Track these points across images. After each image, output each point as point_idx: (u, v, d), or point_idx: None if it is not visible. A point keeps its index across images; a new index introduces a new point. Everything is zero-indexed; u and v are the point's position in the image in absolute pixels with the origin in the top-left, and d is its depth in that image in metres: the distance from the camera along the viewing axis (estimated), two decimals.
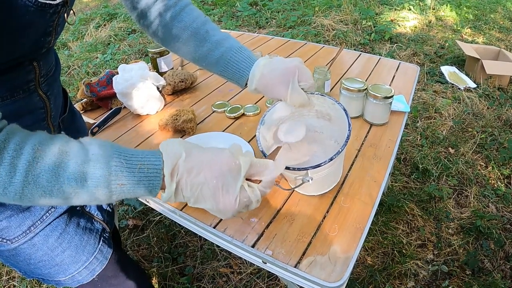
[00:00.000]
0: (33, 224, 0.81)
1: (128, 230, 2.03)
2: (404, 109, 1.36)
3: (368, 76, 1.63)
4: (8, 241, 0.80)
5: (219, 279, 1.74)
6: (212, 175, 0.61)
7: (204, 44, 0.95)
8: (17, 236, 0.80)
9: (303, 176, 0.85)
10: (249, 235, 0.90)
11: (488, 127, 2.75)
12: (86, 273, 0.93)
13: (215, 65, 0.96)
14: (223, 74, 0.97)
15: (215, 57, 0.95)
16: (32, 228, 0.82)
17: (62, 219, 0.87)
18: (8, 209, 0.78)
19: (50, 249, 0.86)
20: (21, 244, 0.82)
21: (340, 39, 4.15)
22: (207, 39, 0.95)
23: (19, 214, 0.79)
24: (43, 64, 0.79)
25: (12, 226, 0.79)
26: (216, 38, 0.96)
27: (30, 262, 0.86)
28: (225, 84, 1.61)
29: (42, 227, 0.83)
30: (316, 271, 0.81)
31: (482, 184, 2.27)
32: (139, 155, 0.59)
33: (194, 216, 0.96)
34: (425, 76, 3.42)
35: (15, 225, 0.79)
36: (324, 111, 0.98)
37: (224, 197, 0.61)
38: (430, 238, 1.93)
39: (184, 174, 0.60)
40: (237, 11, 5.04)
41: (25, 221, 0.80)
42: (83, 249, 0.91)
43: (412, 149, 2.55)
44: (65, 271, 0.90)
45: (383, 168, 1.10)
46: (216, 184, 0.61)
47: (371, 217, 0.94)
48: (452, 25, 4.62)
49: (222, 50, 0.95)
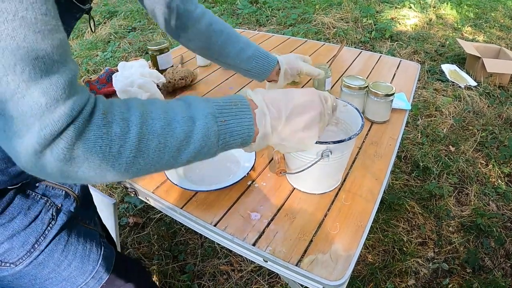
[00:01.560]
0: (36, 241, 0.77)
1: (129, 228, 2.02)
2: (405, 107, 1.36)
3: (368, 74, 1.63)
4: (11, 264, 0.75)
5: (220, 277, 1.74)
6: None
7: (238, 45, 1.15)
8: (21, 257, 0.76)
9: (323, 150, 0.86)
10: (250, 233, 0.90)
11: (488, 125, 2.74)
12: (94, 283, 0.89)
13: (247, 61, 1.16)
14: (253, 69, 1.18)
15: (248, 55, 1.16)
16: (36, 246, 0.77)
17: (64, 232, 0.83)
18: (9, 229, 0.73)
19: (57, 264, 0.82)
20: (26, 265, 0.77)
21: (341, 37, 4.15)
22: (239, 39, 1.16)
23: (21, 233, 0.75)
24: None
25: (15, 247, 0.74)
26: (244, 39, 1.18)
27: (35, 283, 0.81)
28: (225, 82, 1.61)
29: (46, 243, 0.79)
30: (317, 269, 0.81)
31: (482, 182, 2.27)
32: (229, 98, 0.63)
33: (194, 215, 0.96)
34: (426, 74, 3.42)
35: (18, 245, 0.75)
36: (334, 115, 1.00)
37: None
38: (431, 236, 1.93)
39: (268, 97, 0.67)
40: (237, 9, 5.03)
41: (28, 239, 0.76)
42: (88, 258, 0.88)
43: (413, 147, 2.55)
44: (72, 285, 0.85)
45: (384, 166, 1.10)
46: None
47: (372, 215, 0.93)
48: (453, 23, 4.61)
49: (253, 48, 1.17)
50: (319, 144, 0.85)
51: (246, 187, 1.03)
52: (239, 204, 0.98)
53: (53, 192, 0.83)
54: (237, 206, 0.97)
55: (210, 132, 0.56)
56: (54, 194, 0.83)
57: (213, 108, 0.58)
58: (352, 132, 0.91)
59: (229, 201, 0.99)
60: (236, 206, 0.97)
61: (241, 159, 1.11)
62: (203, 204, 0.99)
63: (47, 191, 0.82)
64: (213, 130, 0.57)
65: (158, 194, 1.03)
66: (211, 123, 0.57)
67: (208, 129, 0.56)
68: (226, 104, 0.60)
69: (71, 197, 0.87)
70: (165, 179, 1.06)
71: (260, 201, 0.98)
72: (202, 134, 0.56)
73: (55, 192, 0.83)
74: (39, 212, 0.78)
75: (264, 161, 1.14)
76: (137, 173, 0.53)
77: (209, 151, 0.58)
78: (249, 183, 1.05)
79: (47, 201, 0.81)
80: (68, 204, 0.85)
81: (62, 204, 0.84)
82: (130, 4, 5.44)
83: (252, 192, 1.02)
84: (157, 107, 0.55)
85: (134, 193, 1.10)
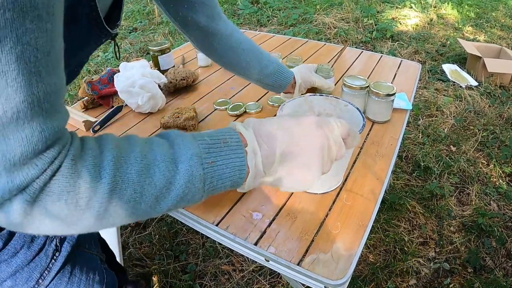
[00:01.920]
0: (41, 276, 0.74)
1: (130, 228, 2.03)
2: (406, 107, 1.36)
3: (369, 74, 1.63)
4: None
5: (221, 277, 1.75)
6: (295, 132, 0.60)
7: (262, 62, 1.21)
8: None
9: None
10: (252, 232, 0.90)
11: (489, 125, 2.74)
12: None
13: (268, 77, 1.23)
14: (272, 83, 1.26)
15: (270, 70, 1.22)
16: (40, 281, 0.74)
17: (68, 263, 0.80)
18: (12, 265, 0.69)
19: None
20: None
21: (342, 37, 4.15)
22: (263, 56, 1.21)
23: (24, 268, 0.71)
24: None
25: (18, 284, 0.71)
26: (266, 55, 1.22)
27: None
28: (226, 82, 1.61)
29: (51, 277, 0.76)
30: (319, 268, 0.81)
31: (483, 182, 2.27)
32: (217, 133, 0.55)
33: (196, 214, 0.96)
34: (427, 74, 3.42)
35: (21, 282, 0.71)
36: (335, 115, 1.02)
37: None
38: (432, 235, 1.93)
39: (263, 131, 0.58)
40: (238, 9, 5.03)
41: (32, 275, 0.72)
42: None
43: (414, 147, 2.55)
44: None
45: (385, 165, 1.10)
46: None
47: (373, 214, 0.94)
48: (454, 23, 4.61)
49: (274, 64, 1.23)
50: None
51: None
52: (241, 204, 0.98)
53: None
54: (239, 206, 0.98)
55: (195, 176, 0.49)
56: None
57: (199, 147, 0.51)
58: None
59: (231, 201, 0.99)
60: (238, 206, 0.98)
61: None
62: (205, 204, 0.99)
63: None
64: (198, 175, 0.49)
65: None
66: (196, 166, 0.49)
67: (192, 173, 0.49)
68: (214, 142, 0.53)
69: None
70: None
71: (262, 201, 0.99)
72: (185, 180, 0.48)
73: None
74: (43, 243, 0.74)
75: None
76: (108, 225, 0.47)
77: (193, 197, 0.51)
78: None
79: None
80: None
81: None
82: (131, 4, 5.44)
83: (254, 191, 1.02)
84: (134, 147, 0.48)
85: None
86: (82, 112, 1.41)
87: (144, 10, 5.21)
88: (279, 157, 0.57)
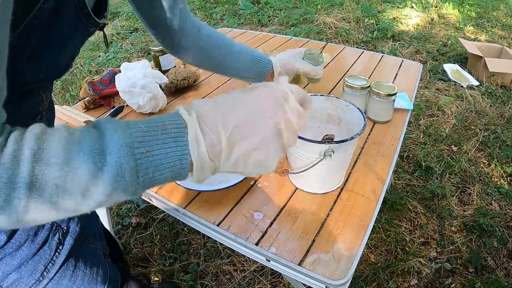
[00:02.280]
0: (45, 269, 0.74)
1: (131, 228, 2.03)
2: (407, 106, 1.36)
3: (371, 74, 1.63)
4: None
5: (223, 277, 1.75)
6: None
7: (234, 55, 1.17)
8: (30, 286, 0.72)
9: (326, 150, 0.86)
10: (253, 232, 0.90)
11: (491, 125, 2.74)
12: None
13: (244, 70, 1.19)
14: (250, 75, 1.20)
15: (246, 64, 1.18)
16: (45, 274, 0.74)
17: (71, 256, 0.80)
18: (17, 258, 0.69)
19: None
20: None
21: (343, 37, 4.15)
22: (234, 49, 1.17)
23: (29, 261, 0.71)
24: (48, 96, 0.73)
25: (23, 276, 0.71)
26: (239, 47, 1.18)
27: None
28: (227, 83, 1.61)
29: (55, 270, 0.76)
30: (320, 268, 0.81)
31: (485, 181, 2.27)
32: (157, 119, 0.49)
33: (197, 214, 0.96)
34: (428, 74, 3.42)
35: (26, 275, 0.71)
36: (336, 115, 1.03)
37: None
38: (433, 235, 1.93)
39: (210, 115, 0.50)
40: (239, 9, 5.03)
41: (36, 267, 0.72)
42: (95, 282, 0.87)
43: (415, 146, 2.55)
44: None
45: (386, 165, 1.10)
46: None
47: (375, 214, 0.94)
48: (455, 23, 4.61)
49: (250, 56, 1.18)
50: (322, 144, 0.86)
51: (249, 187, 1.04)
52: (242, 204, 0.98)
53: None
54: (240, 206, 0.98)
55: (125, 169, 0.43)
56: None
57: (131, 136, 0.45)
58: (354, 132, 0.91)
59: (232, 201, 0.99)
60: (239, 206, 0.98)
61: None
62: (206, 204, 0.99)
63: None
64: (128, 167, 0.44)
65: (161, 194, 1.04)
66: (127, 157, 0.44)
67: (121, 165, 0.43)
68: (150, 129, 0.46)
69: (75, 218, 0.82)
70: None
71: (263, 201, 0.99)
72: (114, 173, 0.43)
73: None
74: (46, 237, 0.74)
75: None
76: (32, 223, 0.43)
77: (126, 191, 0.45)
78: (252, 183, 1.05)
79: (53, 224, 0.75)
80: (73, 225, 0.81)
81: (68, 227, 0.79)
82: None
83: (255, 192, 1.02)
84: (58, 139, 0.42)
85: None
86: (84, 112, 1.42)
87: None
88: (227, 144, 0.50)
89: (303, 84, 1.54)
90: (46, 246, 0.74)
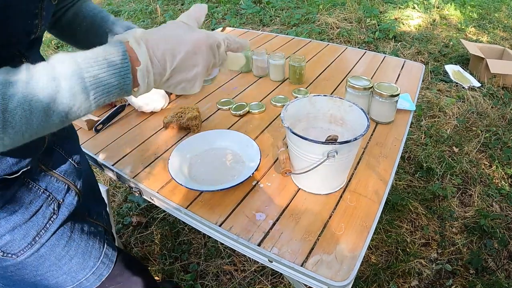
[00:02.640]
0: (37, 234, 0.79)
1: (132, 227, 2.03)
2: (409, 107, 1.36)
3: (373, 75, 1.63)
4: (13, 255, 0.78)
5: (223, 277, 1.75)
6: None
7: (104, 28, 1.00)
8: (22, 248, 0.78)
9: (329, 151, 0.86)
10: (255, 233, 0.90)
11: (492, 126, 2.74)
12: (94, 279, 0.92)
13: None
14: None
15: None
16: (37, 239, 0.80)
17: (66, 226, 0.86)
18: (10, 222, 0.75)
19: (58, 258, 0.85)
20: (27, 257, 0.80)
21: (345, 37, 4.15)
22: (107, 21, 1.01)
23: (22, 226, 0.77)
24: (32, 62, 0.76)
25: (16, 239, 0.77)
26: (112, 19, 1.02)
27: (37, 274, 0.84)
28: (230, 82, 1.61)
29: (48, 237, 0.81)
30: (322, 270, 0.81)
31: (486, 183, 2.27)
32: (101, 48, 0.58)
33: (199, 215, 0.96)
34: (429, 74, 3.41)
35: (19, 238, 0.77)
36: (339, 116, 1.03)
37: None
38: (434, 237, 1.93)
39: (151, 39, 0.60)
40: (241, 9, 5.03)
41: (29, 232, 0.78)
42: (89, 255, 0.90)
43: (416, 147, 2.54)
44: (73, 279, 0.89)
45: (389, 166, 1.10)
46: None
47: (377, 216, 0.93)
48: (457, 24, 4.60)
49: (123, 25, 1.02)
50: (325, 144, 0.85)
51: (251, 187, 1.03)
52: (244, 204, 0.98)
53: (56, 186, 0.84)
54: (242, 206, 0.97)
55: (77, 91, 0.54)
56: (56, 188, 0.84)
57: (79, 64, 0.54)
58: (357, 132, 0.91)
59: (234, 201, 0.99)
60: (241, 206, 0.97)
61: (246, 159, 1.11)
62: (208, 204, 0.99)
63: (50, 184, 0.82)
64: (79, 89, 0.54)
65: (163, 194, 1.03)
66: (77, 82, 0.54)
67: (72, 88, 0.53)
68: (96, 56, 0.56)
69: (72, 191, 0.88)
70: (170, 179, 1.07)
71: (265, 202, 0.99)
72: (68, 95, 0.53)
73: (58, 185, 0.84)
74: (40, 206, 0.80)
75: (269, 161, 1.14)
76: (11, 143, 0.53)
77: (80, 107, 0.56)
78: (254, 183, 1.05)
79: (48, 195, 0.82)
80: (70, 198, 0.86)
81: (63, 199, 0.85)
82: (133, 3, 5.45)
83: (257, 192, 1.02)
84: (21, 73, 0.52)
85: (139, 193, 1.11)
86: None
87: (146, 9, 5.21)
88: (170, 73, 0.62)
89: None
90: (40, 214, 0.79)
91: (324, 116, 1.05)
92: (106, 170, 1.21)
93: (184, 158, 1.11)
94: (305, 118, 1.06)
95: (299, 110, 1.03)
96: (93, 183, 1.09)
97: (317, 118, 1.06)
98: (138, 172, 1.12)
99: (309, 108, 1.04)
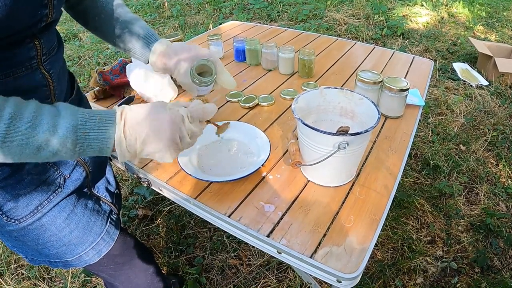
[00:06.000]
0: (40, 204, 0.85)
1: (138, 220, 2.03)
2: (418, 103, 1.35)
3: (382, 70, 1.62)
4: (16, 220, 0.83)
5: (228, 271, 1.75)
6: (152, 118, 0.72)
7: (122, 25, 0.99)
8: (25, 216, 0.83)
9: (340, 142, 0.86)
10: (264, 224, 0.90)
11: (499, 125, 2.72)
12: (93, 254, 0.96)
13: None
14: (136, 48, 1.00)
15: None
16: (39, 208, 0.85)
17: (69, 200, 0.91)
18: (15, 190, 0.81)
19: (58, 229, 0.89)
20: (29, 224, 0.85)
21: (353, 33, 4.13)
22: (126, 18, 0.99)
23: (26, 195, 0.82)
24: (45, 42, 0.79)
25: (19, 206, 0.82)
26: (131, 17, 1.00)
27: (38, 242, 0.89)
28: (239, 75, 1.61)
29: (50, 207, 0.86)
30: (331, 261, 0.81)
31: (492, 182, 2.26)
32: (99, 112, 0.68)
33: (208, 205, 0.96)
34: (437, 72, 3.40)
35: (22, 205, 0.82)
36: (349, 108, 1.03)
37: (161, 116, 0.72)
38: (440, 234, 1.92)
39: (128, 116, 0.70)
40: (248, 4, 5.02)
41: (32, 201, 0.83)
42: (90, 230, 0.94)
43: (423, 145, 2.53)
44: (72, 252, 0.93)
45: (398, 161, 1.09)
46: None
47: (386, 209, 0.93)
48: (465, 22, 4.58)
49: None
50: (337, 136, 0.85)
51: (261, 178, 1.03)
52: (253, 196, 0.98)
53: (65, 161, 0.89)
54: (251, 198, 0.97)
55: (67, 141, 0.63)
56: (65, 163, 0.89)
57: (78, 120, 0.64)
58: (367, 126, 0.91)
59: (243, 192, 0.99)
60: (251, 198, 0.97)
61: (256, 150, 1.11)
62: (217, 195, 0.99)
63: None
64: (71, 139, 0.63)
65: (171, 185, 1.04)
66: (70, 133, 0.63)
67: (66, 138, 0.63)
68: (92, 118, 0.66)
69: (80, 167, 0.93)
70: (179, 169, 1.07)
71: (274, 193, 0.99)
72: (60, 141, 0.63)
73: (66, 160, 0.89)
74: (46, 179, 0.85)
75: (279, 153, 1.13)
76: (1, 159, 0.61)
77: (66, 154, 0.65)
78: (264, 174, 1.05)
79: (56, 169, 0.87)
80: (77, 174, 0.92)
81: (70, 174, 0.90)
82: None
83: (267, 183, 1.02)
84: (30, 110, 0.62)
85: (147, 184, 1.11)
86: (93, 102, 1.41)
87: (154, 3, 5.21)
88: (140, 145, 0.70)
89: None
90: (45, 186, 0.86)
91: (334, 108, 1.05)
92: (115, 161, 1.21)
93: (193, 148, 1.11)
94: (316, 111, 1.05)
95: (310, 102, 1.03)
96: (103, 163, 1.10)
97: (327, 111, 1.06)
98: (147, 162, 1.12)
99: (319, 101, 1.04)
